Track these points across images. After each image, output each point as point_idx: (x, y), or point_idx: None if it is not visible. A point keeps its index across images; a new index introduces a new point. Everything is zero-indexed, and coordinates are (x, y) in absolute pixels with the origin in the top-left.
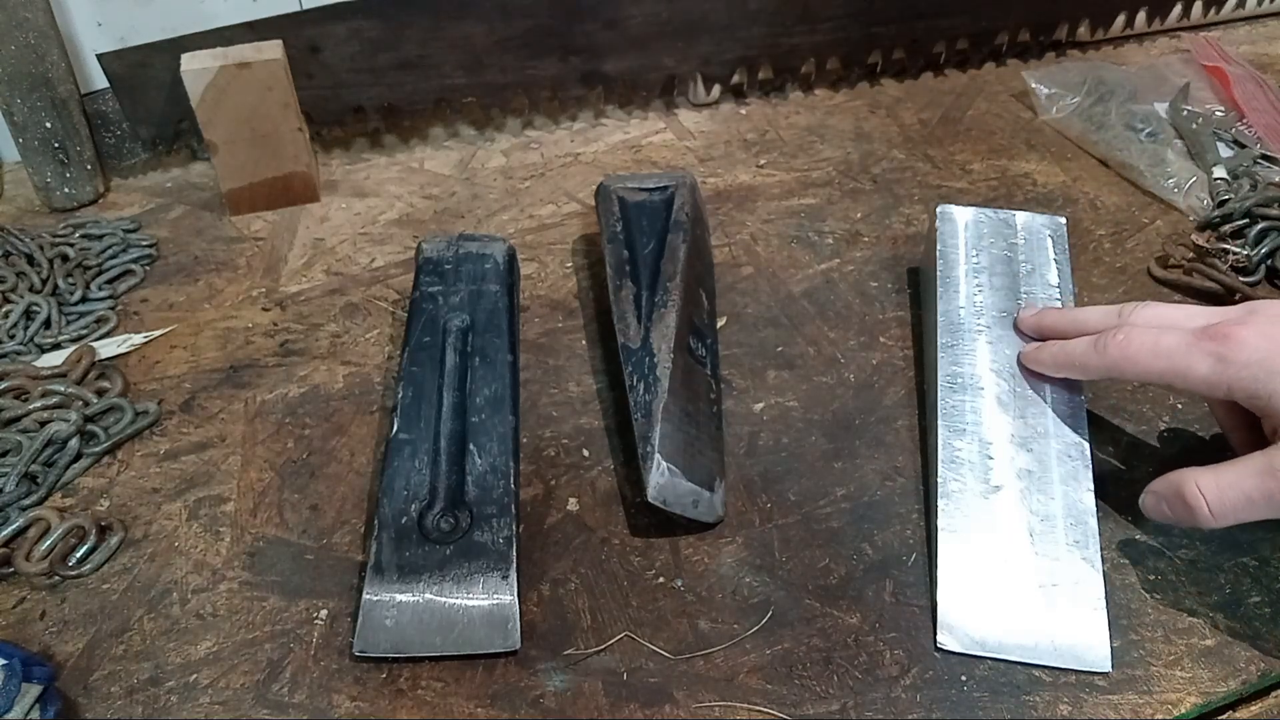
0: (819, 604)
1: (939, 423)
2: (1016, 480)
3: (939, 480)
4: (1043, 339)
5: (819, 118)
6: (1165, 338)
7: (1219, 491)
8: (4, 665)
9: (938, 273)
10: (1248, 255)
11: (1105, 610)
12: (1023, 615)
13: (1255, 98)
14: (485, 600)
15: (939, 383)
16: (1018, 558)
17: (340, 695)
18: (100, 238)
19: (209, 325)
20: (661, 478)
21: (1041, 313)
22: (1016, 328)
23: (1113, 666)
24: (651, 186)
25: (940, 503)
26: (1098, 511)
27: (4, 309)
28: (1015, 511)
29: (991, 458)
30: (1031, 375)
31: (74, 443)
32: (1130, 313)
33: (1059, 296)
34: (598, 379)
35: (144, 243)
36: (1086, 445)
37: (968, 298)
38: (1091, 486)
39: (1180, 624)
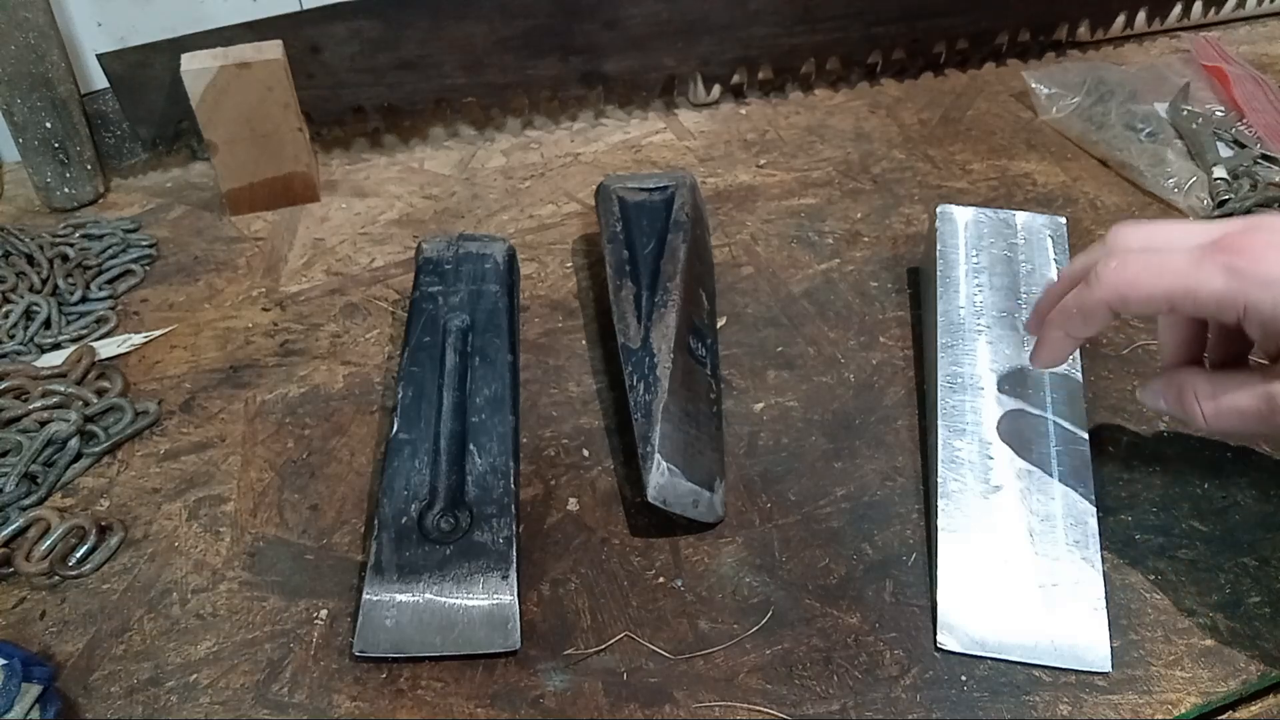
0: (819, 604)
1: (939, 423)
2: (1016, 480)
3: (939, 480)
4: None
5: (819, 118)
6: (1168, 256)
7: (1215, 404)
8: (4, 665)
9: (938, 273)
10: None
11: (1105, 610)
12: (1023, 615)
13: (1255, 98)
14: (485, 600)
15: (939, 383)
16: (1018, 558)
17: (340, 695)
18: (100, 238)
19: (209, 325)
20: (661, 478)
21: (1034, 306)
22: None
23: (1113, 666)
24: (651, 186)
25: (940, 503)
26: (1098, 511)
27: (4, 309)
28: (1015, 511)
29: (991, 458)
30: (1033, 375)
31: (74, 443)
32: (1117, 235)
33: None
34: (598, 379)
35: (144, 243)
36: (1086, 445)
37: (968, 298)
38: (1092, 486)
39: (1180, 624)
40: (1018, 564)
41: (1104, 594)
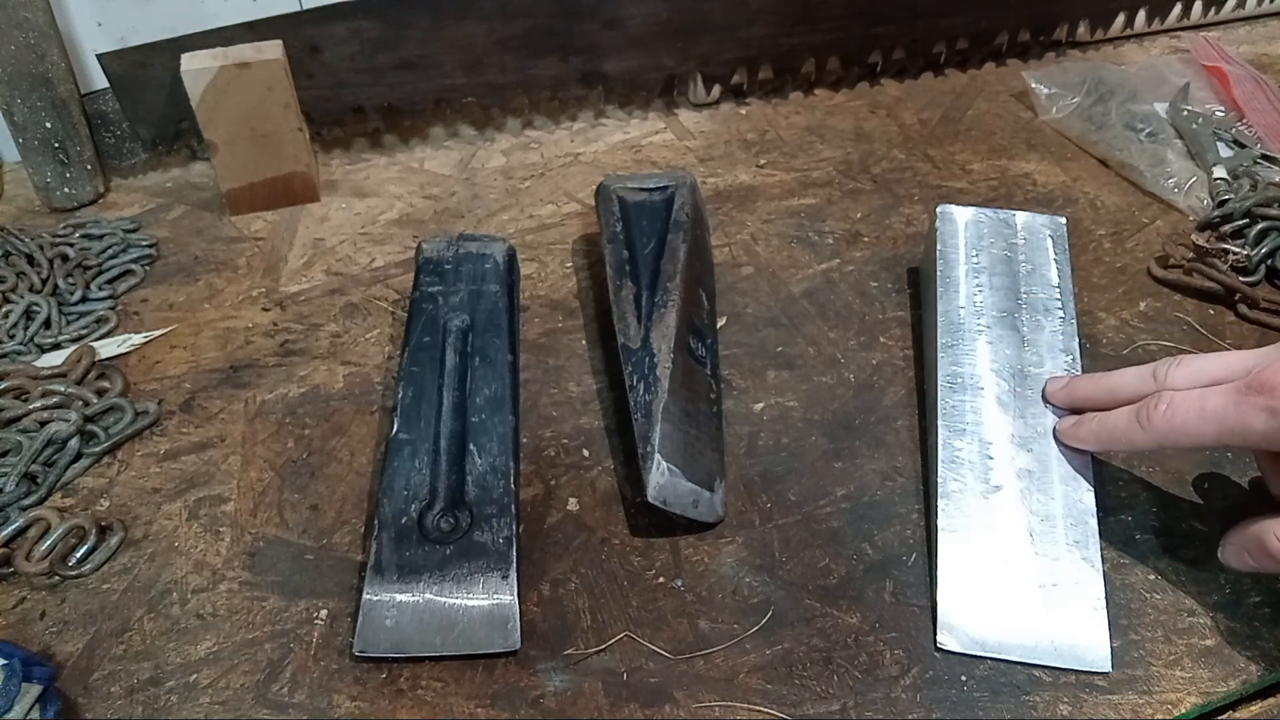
0: (819, 604)
1: (939, 423)
2: (1016, 480)
3: (939, 480)
4: (1076, 410)
5: (819, 118)
6: (1210, 399)
7: None
8: (4, 665)
9: (938, 273)
10: (1248, 255)
11: (1105, 610)
12: (1023, 615)
13: (1255, 98)
14: (485, 600)
15: (939, 383)
16: (1018, 557)
17: (340, 695)
18: (100, 238)
19: (209, 325)
20: (661, 478)
21: (1070, 384)
22: (1045, 399)
23: (1113, 666)
24: (651, 186)
25: (940, 503)
26: (1098, 511)
27: (4, 309)
28: (1015, 511)
29: (991, 458)
30: (1035, 375)
31: (74, 443)
32: (1165, 374)
33: (1059, 296)
34: (598, 379)
35: (144, 243)
36: None
37: (968, 298)
38: (1092, 486)
39: (1180, 624)
40: (1018, 564)
41: (1104, 594)
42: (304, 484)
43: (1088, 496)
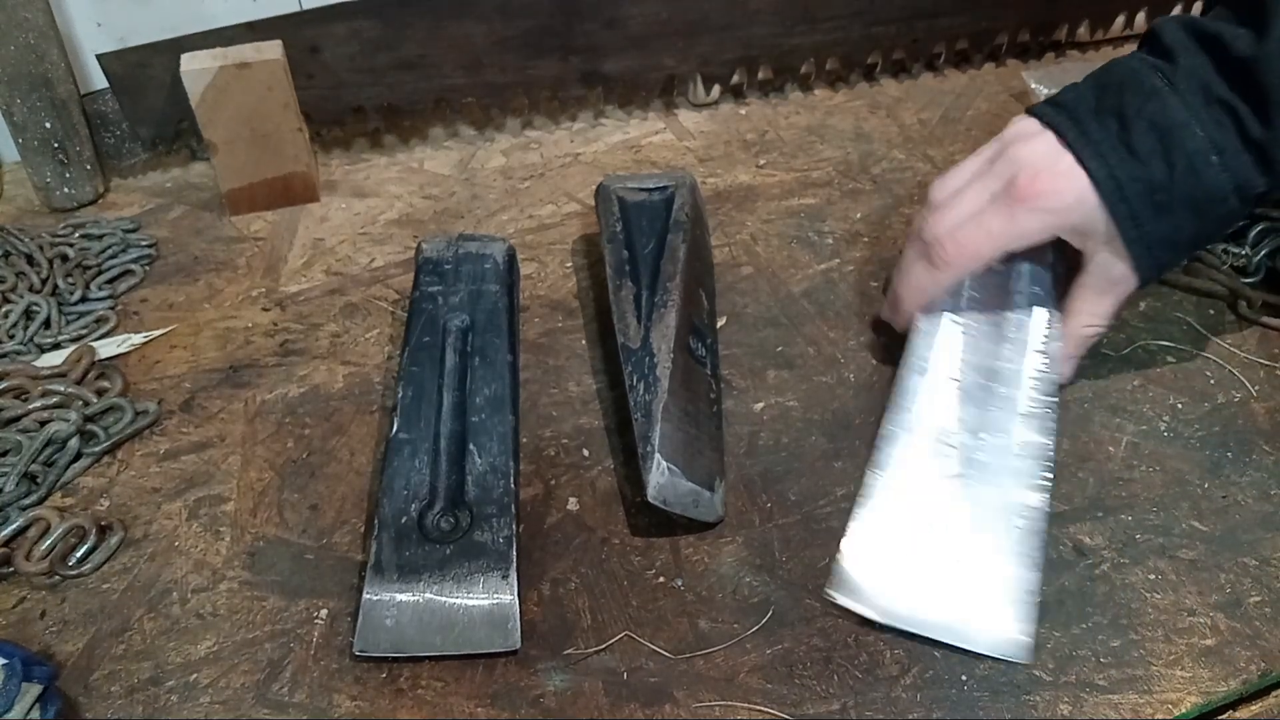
0: (819, 604)
1: (905, 369)
2: (965, 468)
3: (882, 456)
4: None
5: (819, 118)
6: (987, 221)
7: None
8: (4, 665)
9: None
10: (1248, 255)
11: (1035, 602)
12: (934, 590)
13: None
14: (485, 600)
15: (907, 365)
16: (946, 536)
17: (340, 695)
18: (100, 238)
19: (209, 325)
20: (661, 477)
21: (885, 307)
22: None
23: (1112, 665)
24: (651, 186)
25: (879, 473)
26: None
27: (4, 309)
28: (958, 496)
29: (948, 444)
30: (1006, 371)
31: (74, 442)
32: (933, 223)
33: (1053, 296)
34: (598, 379)
35: (144, 243)
36: (1049, 445)
37: (959, 295)
38: (1044, 484)
39: (1180, 624)
40: (945, 542)
41: (1038, 587)
42: (304, 484)
43: (1035, 495)
